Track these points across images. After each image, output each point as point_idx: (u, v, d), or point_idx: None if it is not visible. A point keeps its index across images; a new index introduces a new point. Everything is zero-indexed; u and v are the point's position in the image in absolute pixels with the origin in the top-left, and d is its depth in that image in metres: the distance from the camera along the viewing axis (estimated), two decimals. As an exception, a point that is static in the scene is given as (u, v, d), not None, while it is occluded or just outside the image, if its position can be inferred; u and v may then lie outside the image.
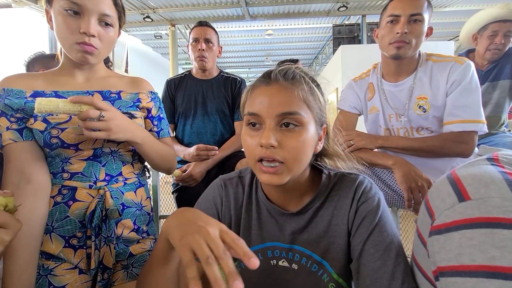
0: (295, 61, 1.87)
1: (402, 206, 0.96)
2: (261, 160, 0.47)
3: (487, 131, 0.87)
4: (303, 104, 0.47)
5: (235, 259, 0.56)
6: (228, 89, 1.31)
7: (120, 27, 0.72)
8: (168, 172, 0.85)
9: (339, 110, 1.12)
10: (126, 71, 6.20)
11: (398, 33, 0.89)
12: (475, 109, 0.86)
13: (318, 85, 0.52)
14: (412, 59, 0.95)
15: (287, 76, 0.49)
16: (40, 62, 1.36)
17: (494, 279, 0.27)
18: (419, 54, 0.97)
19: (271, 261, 0.54)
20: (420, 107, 0.94)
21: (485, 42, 1.45)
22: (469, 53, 1.60)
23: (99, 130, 0.59)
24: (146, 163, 0.82)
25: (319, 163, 0.59)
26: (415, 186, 0.80)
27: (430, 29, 0.94)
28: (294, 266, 0.52)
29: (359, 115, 1.11)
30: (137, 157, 0.77)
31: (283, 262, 0.53)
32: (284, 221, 0.54)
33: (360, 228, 0.48)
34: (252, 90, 0.51)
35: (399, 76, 0.98)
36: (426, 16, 0.90)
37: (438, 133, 0.94)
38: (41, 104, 0.53)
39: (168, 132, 0.83)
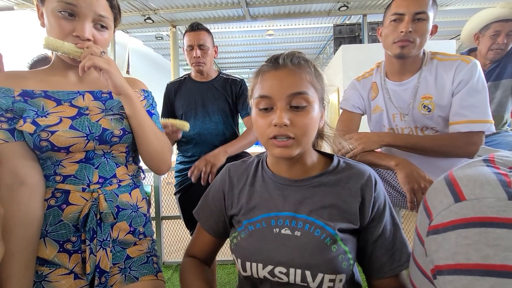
0: None
1: (405, 206, 0.95)
2: (273, 137, 0.52)
3: (494, 131, 0.86)
4: (310, 85, 0.53)
5: (235, 230, 0.60)
6: (228, 90, 1.31)
7: (114, 26, 0.71)
8: (160, 167, 0.76)
9: (341, 110, 1.11)
10: (128, 72, 6.23)
11: (402, 32, 0.87)
12: (482, 109, 0.84)
13: (317, 70, 0.58)
14: (416, 58, 0.94)
15: (293, 61, 0.54)
16: (43, 64, 1.36)
17: (488, 276, 0.29)
18: (424, 53, 0.95)
19: (274, 229, 0.56)
20: (424, 106, 0.92)
21: (487, 42, 1.43)
22: (470, 52, 1.58)
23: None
24: (140, 164, 0.80)
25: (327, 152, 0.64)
26: (418, 188, 0.78)
27: (435, 27, 0.92)
28: (297, 233, 0.54)
29: (362, 114, 1.09)
30: (131, 158, 0.75)
31: (285, 230, 0.55)
32: (290, 192, 0.58)
33: (373, 214, 0.54)
34: (262, 75, 0.55)
35: (403, 75, 0.96)
36: (430, 14, 0.88)
37: (443, 133, 0.92)
38: (49, 39, 0.57)
39: (161, 128, 0.81)
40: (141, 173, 0.80)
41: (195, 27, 1.27)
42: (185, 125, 1.02)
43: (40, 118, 0.60)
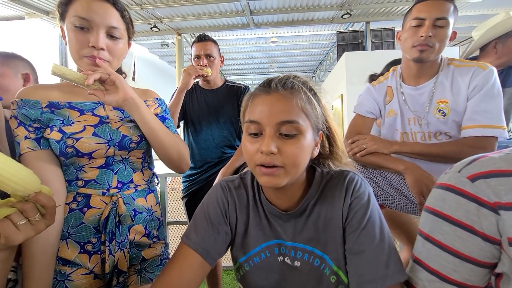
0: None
1: (411, 211, 0.95)
2: (260, 165, 0.49)
3: (507, 137, 0.85)
4: (301, 113, 0.49)
5: (237, 260, 0.58)
6: (234, 97, 1.34)
7: (129, 38, 0.74)
8: (180, 166, 0.79)
9: (355, 114, 1.12)
10: (134, 79, 6.32)
11: (422, 36, 0.88)
12: (496, 115, 0.84)
13: (315, 94, 0.55)
14: (434, 63, 0.94)
15: (286, 85, 0.51)
16: None
17: None
18: (441, 59, 0.96)
19: (278, 258, 0.55)
20: (440, 111, 0.92)
21: None
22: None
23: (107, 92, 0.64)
24: (154, 170, 0.82)
25: (315, 164, 0.60)
26: (427, 191, 0.78)
27: (454, 33, 0.93)
28: (297, 263, 0.54)
29: (375, 119, 1.10)
30: (146, 164, 0.78)
31: (287, 259, 0.55)
32: (285, 220, 0.56)
33: (353, 220, 0.51)
34: (253, 99, 0.53)
35: (420, 79, 0.97)
36: (451, 20, 0.89)
37: (452, 140, 0.92)
38: (57, 66, 0.59)
39: (175, 130, 0.83)
40: (155, 179, 0.83)
41: (203, 38, 1.32)
42: (208, 71, 1.21)
43: (66, 126, 0.65)
